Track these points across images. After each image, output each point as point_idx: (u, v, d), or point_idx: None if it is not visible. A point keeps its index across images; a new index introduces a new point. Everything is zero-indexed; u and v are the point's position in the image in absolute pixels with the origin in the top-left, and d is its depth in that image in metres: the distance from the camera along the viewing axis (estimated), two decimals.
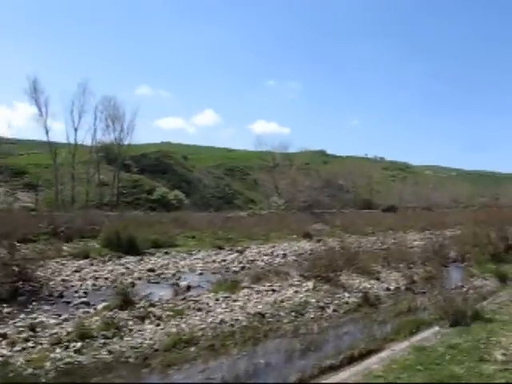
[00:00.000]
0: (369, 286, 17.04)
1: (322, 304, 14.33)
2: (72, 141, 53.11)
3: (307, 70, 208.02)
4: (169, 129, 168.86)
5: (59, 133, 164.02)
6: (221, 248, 26.90)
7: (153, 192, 65.92)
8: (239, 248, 26.83)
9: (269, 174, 72.44)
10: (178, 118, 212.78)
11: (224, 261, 22.86)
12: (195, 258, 23.45)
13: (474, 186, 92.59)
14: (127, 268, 20.27)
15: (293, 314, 13.33)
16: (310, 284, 16.07)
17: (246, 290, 15.35)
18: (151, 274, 19.26)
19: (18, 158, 66.97)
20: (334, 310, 13.99)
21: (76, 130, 52.65)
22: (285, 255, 25.05)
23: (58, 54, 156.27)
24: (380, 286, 17.23)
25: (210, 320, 12.27)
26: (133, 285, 16.95)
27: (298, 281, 16.83)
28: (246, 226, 38.76)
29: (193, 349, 10.54)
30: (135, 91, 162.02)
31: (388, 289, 16.96)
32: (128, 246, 24.33)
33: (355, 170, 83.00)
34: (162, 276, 18.97)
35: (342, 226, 41.21)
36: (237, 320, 12.42)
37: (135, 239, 24.96)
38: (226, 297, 14.51)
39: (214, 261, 22.75)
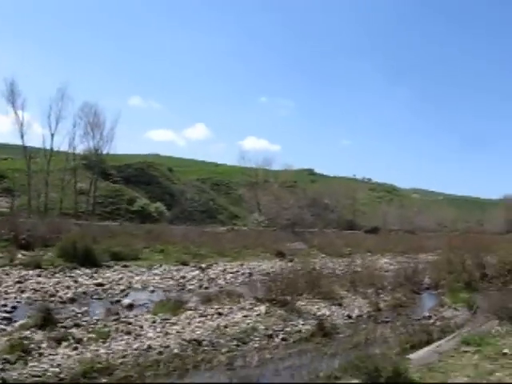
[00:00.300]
0: (328, 312, 15.55)
1: (270, 332, 12.82)
2: (48, 146, 51.37)
3: (300, 87, 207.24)
4: (159, 141, 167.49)
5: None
6: (185, 264, 25.36)
7: (133, 203, 64.36)
8: (203, 265, 25.31)
9: (252, 190, 71.03)
10: (168, 130, 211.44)
11: (183, 278, 21.37)
12: (154, 274, 21.94)
13: (459, 211, 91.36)
14: (75, 281, 18.74)
15: (235, 342, 11.83)
16: (263, 308, 14.58)
17: (189, 313, 13.84)
18: (99, 288, 17.73)
19: (1, 162, 65.57)
20: (283, 339, 12.50)
21: (53, 135, 50.88)
22: (250, 274, 23.56)
23: (48, 62, 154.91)
24: (341, 312, 15.74)
25: (136, 346, 10.76)
26: (72, 300, 15.49)
27: (251, 304, 15.32)
28: (220, 242, 37.29)
29: (104, 380, 9.03)
30: (127, 102, 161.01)
31: (349, 316, 15.47)
32: (84, 258, 22.76)
33: (340, 190, 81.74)
34: (109, 292, 17.45)
35: (319, 246, 39.78)
36: (167, 347, 10.91)
37: (92, 250, 23.41)
38: (165, 319, 13.00)
39: (172, 277, 21.25)
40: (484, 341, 9.09)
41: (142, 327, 12.19)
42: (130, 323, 12.41)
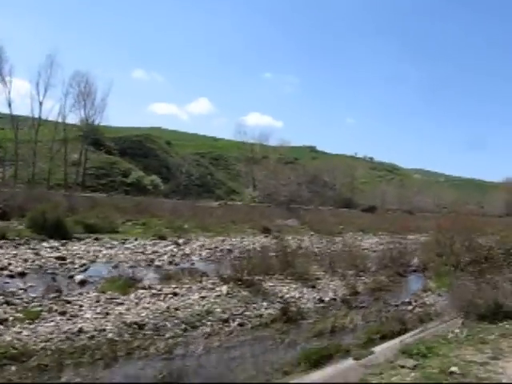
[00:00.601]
0: (298, 295, 14.18)
1: (227, 315, 11.49)
2: (37, 115, 49.84)
3: (306, 64, 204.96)
4: (162, 114, 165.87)
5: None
6: (163, 238, 24.04)
7: (128, 175, 63.08)
8: (181, 240, 24.00)
9: (248, 166, 69.58)
10: (171, 104, 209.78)
11: (155, 253, 20.06)
12: (125, 248, 20.63)
13: (459, 193, 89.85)
14: (37, 254, 17.46)
15: (183, 326, 10.53)
16: (224, 289, 13.23)
17: (141, 292, 12.50)
18: (58, 262, 16.43)
19: None
20: (240, 325, 11.19)
21: (41, 103, 49.32)
22: (230, 251, 22.20)
23: (51, 33, 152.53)
24: (313, 295, 14.37)
25: (65, 328, 9.45)
26: (22, 275, 14.23)
27: (214, 283, 13.96)
28: (208, 217, 36.06)
29: (13, 368, 7.74)
30: (130, 74, 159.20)
31: (321, 300, 14.10)
32: (54, 229, 21.48)
33: (340, 167, 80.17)
34: (68, 266, 16.14)
35: (310, 223, 38.44)
36: (102, 331, 9.60)
37: (64, 222, 22.12)
38: (112, 298, 11.68)
39: (143, 252, 19.94)
40: (433, 350, 7.21)
41: (81, 307, 10.88)
42: (69, 302, 11.09)
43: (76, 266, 16.14)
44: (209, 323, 10.94)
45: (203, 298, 12.53)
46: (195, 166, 79.12)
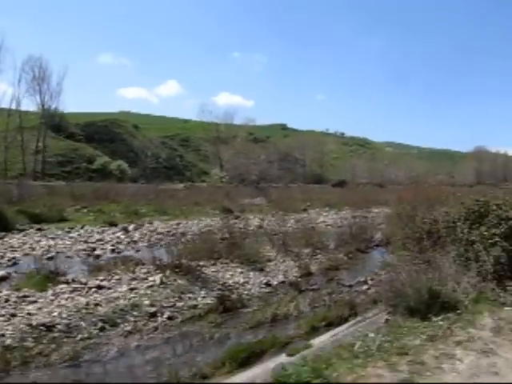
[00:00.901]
0: (243, 280, 12.92)
1: (155, 308, 10.19)
2: None
3: (274, 42, 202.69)
4: (131, 99, 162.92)
5: None
6: (114, 225, 22.61)
7: (93, 162, 61.17)
8: (133, 225, 22.56)
9: (214, 146, 68.07)
10: (140, 87, 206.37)
11: (100, 241, 18.65)
12: (69, 237, 19.16)
13: (430, 164, 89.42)
14: None
15: (100, 325, 9.21)
16: (158, 278, 11.89)
17: (61, 286, 11.10)
18: None
19: None
20: (169, 318, 9.90)
21: None
22: (183, 234, 20.79)
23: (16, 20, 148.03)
24: (259, 279, 13.11)
25: None
26: None
27: (147, 273, 12.61)
28: (170, 200, 34.66)
29: None
30: (96, 59, 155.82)
31: (268, 284, 12.87)
32: None
33: (310, 143, 79.00)
34: None
35: (276, 201, 37.21)
36: (1, 336, 8.25)
37: (3, 212, 20.53)
38: (24, 297, 10.28)
39: (86, 241, 18.48)
40: (324, 372, 4.83)
41: None
42: None
43: (3, 261, 14.66)
44: (132, 319, 9.63)
45: (132, 289, 11.19)
46: (164, 149, 77.35)
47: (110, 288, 11.27)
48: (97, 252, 16.55)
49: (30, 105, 55.58)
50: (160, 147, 74.97)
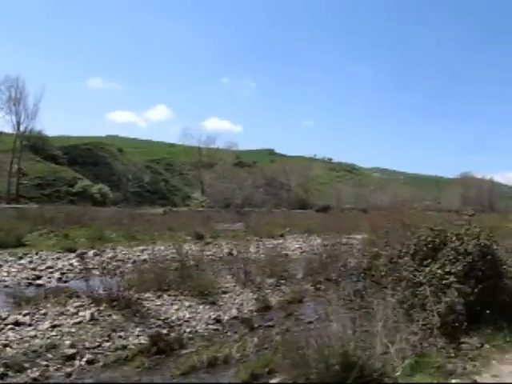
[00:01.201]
0: (189, 315, 11.48)
1: (75, 350, 8.74)
2: None
3: (262, 67, 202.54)
4: (120, 123, 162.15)
5: None
6: (72, 250, 21.15)
7: (74, 184, 59.70)
8: (93, 251, 21.07)
9: (196, 170, 67.00)
10: (130, 112, 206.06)
11: (49, 268, 17.19)
12: (19, 264, 17.68)
13: (417, 189, 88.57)
14: None
15: (1, 370, 7.75)
16: (88, 313, 10.44)
17: None
18: None
19: None
20: (90, 361, 8.45)
21: None
22: (145, 261, 19.36)
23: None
24: (208, 315, 11.67)
25: None
26: None
27: (79, 306, 11.14)
28: (144, 224, 33.24)
29: None
30: (87, 83, 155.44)
31: (217, 320, 11.42)
32: None
33: (296, 169, 78.05)
34: None
35: (254, 226, 35.86)
36: None
37: None
38: None
39: (34, 268, 17.02)
40: None
41: None
42: None
43: None
44: (44, 363, 8.18)
45: (55, 327, 9.73)
46: (148, 173, 76.08)
47: (30, 325, 9.81)
48: (40, 281, 15.08)
49: (5, 126, 54.07)
50: (144, 171, 73.70)
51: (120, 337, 9.64)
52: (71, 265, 18.05)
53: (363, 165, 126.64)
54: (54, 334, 9.37)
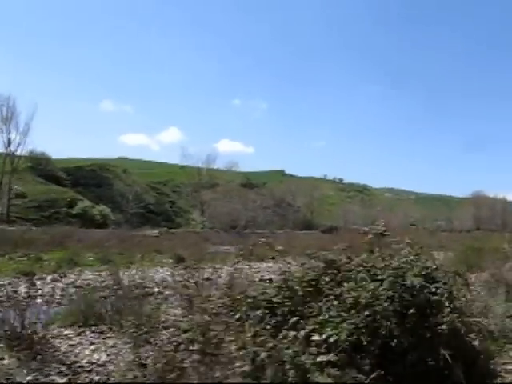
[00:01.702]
0: (106, 358, 9.23)
1: None
2: None
3: (273, 89, 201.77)
4: (133, 145, 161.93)
5: None
6: (29, 275, 19.15)
7: (74, 206, 58.14)
8: (52, 276, 19.09)
9: (196, 191, 65.31)
10: (142, 134, 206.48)
11: None
12: None
13: (428, 209, 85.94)
14: None
15: None
16: None
17: None
18: None
19: None
20: None
21: None
22: (106, 287, 17.22)
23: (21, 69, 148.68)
24: (132, 357, 9.45)
25: None
26: None
27: None
28: (134, 247, 31.35)
29: None
30: (99, 106, 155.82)
31: (141, 364, 9.17)
32: None
33: (303, 190, 76.10)
34: None
35: (248, 248, 33.67)
36: None
37: None
38: None
39: None
40: None
41: None
42: None
43: None
44: None
45: None
46: (154, 195, 74.58)
47: None
48: None
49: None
50: (149, 192, 72.13)
51: None
52: (15, 292, 15.93)
53: (374, 185, 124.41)
54: None
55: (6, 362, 8.36)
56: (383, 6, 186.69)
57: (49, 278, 18.57)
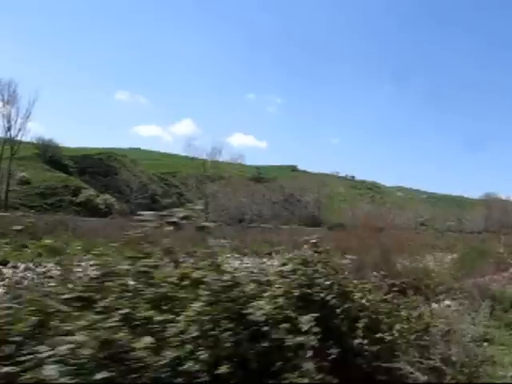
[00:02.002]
0: None
1: None
2: None
3: (288, 84, 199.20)
4: (146, 136, 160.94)
5: None
6: (2, 263, 18.19)
7: (78, 194, 57.21)
8: (24, 265, 18.06)
9: (200, 183, 64.06)
10: (156, 125, 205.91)
11: None
12: None
13: (439, 210, 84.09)
14: None
15: None
16: None
17: None
18: None
19: None
20: None
21: None
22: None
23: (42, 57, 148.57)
24: None
25: None
26: None
27: None
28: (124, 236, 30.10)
29: None
30: (114, 96, 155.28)
31: None
32: None
33: (312, 185, 74.63)
34: None
35: (246, 243, 32.82)
36: None
37: None
38: None
39: None
40: None
41: None
42: None
43: None
44: None
45: None
46: (163, 186, 73.67)
47: None
48: None
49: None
50: (157, 183, 71.07)
51: None
52: None
53: (386, 183, 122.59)
54: None
55: None
56: (400, 6, 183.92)
57: (22, 266, 17.45)
